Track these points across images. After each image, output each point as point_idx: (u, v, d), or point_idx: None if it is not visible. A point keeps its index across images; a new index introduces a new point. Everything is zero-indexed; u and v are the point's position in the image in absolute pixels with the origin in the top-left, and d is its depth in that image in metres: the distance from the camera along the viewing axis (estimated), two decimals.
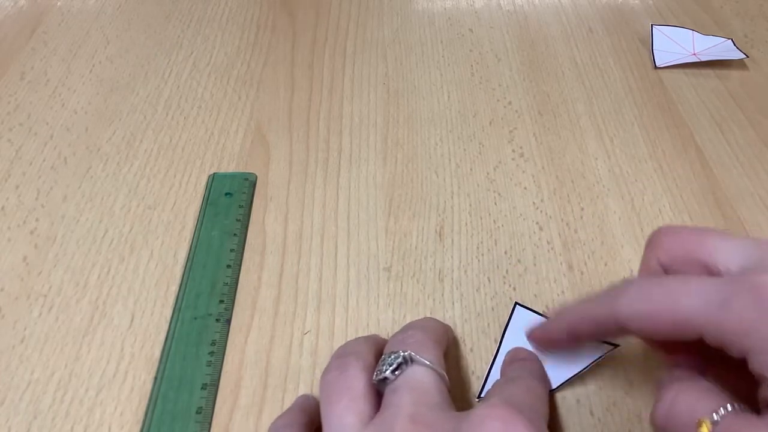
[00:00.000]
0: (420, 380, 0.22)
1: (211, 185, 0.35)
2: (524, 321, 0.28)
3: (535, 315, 0.28)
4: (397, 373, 0.22)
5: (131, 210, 0.34)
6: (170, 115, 0.40)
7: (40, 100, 0.41)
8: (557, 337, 0.26)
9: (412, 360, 0.22)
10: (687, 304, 0.20)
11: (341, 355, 0.24)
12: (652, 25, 0.46)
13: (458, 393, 0.27)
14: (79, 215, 0.34)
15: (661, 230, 0.24)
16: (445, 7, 0.50)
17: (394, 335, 0.25)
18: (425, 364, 0.22)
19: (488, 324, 0.29)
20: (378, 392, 0.23)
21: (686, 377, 0.22)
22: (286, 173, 0.36)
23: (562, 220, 0.34)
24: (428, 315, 0.29)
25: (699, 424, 0.19)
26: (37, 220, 0.33)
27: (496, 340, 0.28)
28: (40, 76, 0.43)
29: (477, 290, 0.30)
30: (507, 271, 0.31)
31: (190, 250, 0.32)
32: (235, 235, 0.33)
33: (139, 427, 0.26)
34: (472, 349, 0.28)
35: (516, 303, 0.29)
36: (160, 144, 0.38)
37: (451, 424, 0.20)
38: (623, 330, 0.22)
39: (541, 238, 0.33)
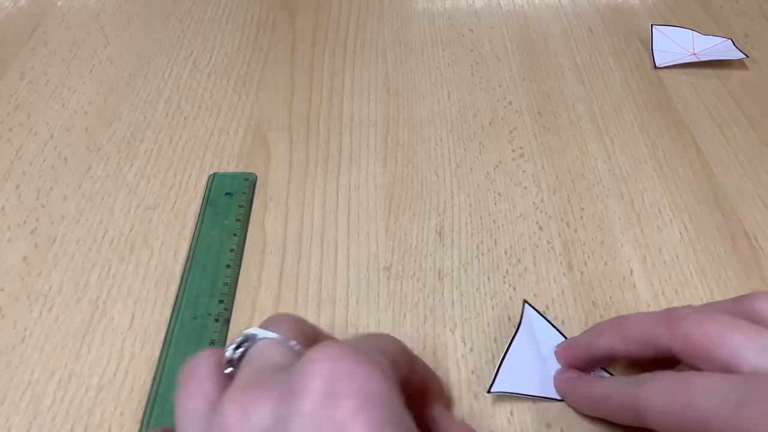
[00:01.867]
0: (261, 352, 0.20)
1: (211, 185, 0.35)
2: (533, 322, 0.28)
3: (541, 317, 0.28)
4: (239, 351, 0.21)
5: (131, 210, 0.34)
6: (170, 115, 0.40)
7: (40, 100, 0.41)
8: (581, 406, 0.26)
9: (255, 336, 0.21)
10: (705, 404, 0.20)
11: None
12: (652, 25, 0.46)
13: (458, 393, 0.27)
14: (79, 215, 0.34)
15: (681, 314, 0.23)
16: (445, 7, 0.50)
17: None
18: (269, 337, 0.21)
19: (488, 324, 0.29)
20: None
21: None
22: (286, 173, 0.36)
23: (562, 220, 0.34)
24: (428, 314, 0.29)
25: None
26: (37, 220, 0.33)
27: (496, 340, 0.28)
28: (40, 76, 0.43)
29: (477, 290, 0.30)
30: (507, 271, 0.31)
31: (190, 250, 0.32)
32: (235, 235, 0.33)
33: (138, 427, 0.26)
34: (471, 349, 0.28)
35: (525, 301, 0.29)
36: (160, 144, 0.38)
37: (281, 377, 0.19)
38: (640, 420, 0.22)
39: (541, 238, 0.33)
